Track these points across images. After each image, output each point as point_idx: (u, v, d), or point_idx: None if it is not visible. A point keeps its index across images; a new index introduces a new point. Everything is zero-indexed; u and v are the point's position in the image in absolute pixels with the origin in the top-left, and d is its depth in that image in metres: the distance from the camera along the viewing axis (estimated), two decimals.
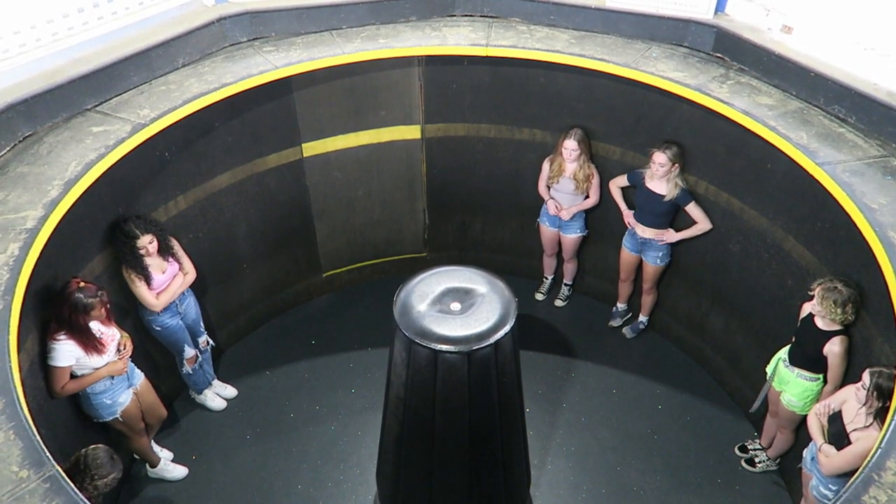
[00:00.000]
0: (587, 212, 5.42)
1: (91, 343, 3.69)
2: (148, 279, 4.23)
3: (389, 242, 6.08)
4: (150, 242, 4.16)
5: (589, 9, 4.93)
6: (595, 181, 5.22)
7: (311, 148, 5.24)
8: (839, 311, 3.70)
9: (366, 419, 5.02)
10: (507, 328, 3.36)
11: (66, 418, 3.81)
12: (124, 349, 4.01)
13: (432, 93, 5.25)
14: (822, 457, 3.58)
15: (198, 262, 4.59)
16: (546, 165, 5.29)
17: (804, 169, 3.86)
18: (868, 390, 3.34)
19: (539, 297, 6.08)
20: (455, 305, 3.46)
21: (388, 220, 5.93)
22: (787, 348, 4.19)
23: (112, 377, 3.92)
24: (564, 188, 5.24)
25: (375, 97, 5.20)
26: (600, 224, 5.51)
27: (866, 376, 3.37)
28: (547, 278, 6.07)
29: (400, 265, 6.13)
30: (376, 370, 5.25)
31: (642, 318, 5.69)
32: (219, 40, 4.76)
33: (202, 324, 4.81)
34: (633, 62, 4.61)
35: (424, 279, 3.61)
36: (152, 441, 4.66)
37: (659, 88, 4.50)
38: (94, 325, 3.77)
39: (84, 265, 3.97)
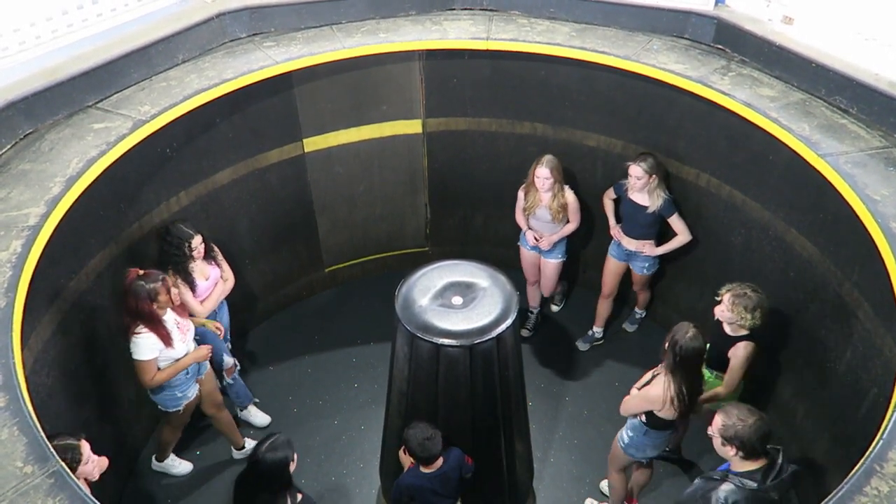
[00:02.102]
0: (569, 236, 5.15)
1: (164, 333, 3.75)
2: (192, 285, 4.23)
3: (391, 237, 6.08)
4: (201, 242, 4.20)
5: (589, 1, 4.92)
6: (573, 206, 4.96)
7: (313, 143, 5.24)
8: (749, 316, 3.78)
9: (369, 414, 5.03)
10: (508, 322, 3.36)
11: (70, 414, 3.83)
12: (219, 331, 4.18)
13: (433, 87, 5.24)
14: (626, 398, 3.84)
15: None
16: (521, 195, 5.06)
17: (806, 160, 3.85)
18: (666, 340, 3.54)
19: (525, 333, 5.64)
20: (457, 299, 3.46)
21: (390, 214, 5.93)
22: None
23: (187, 370, 3.98)
24: (542, 217, 5.00)
25: (376, 92, 5.19)
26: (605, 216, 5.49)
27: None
28: (532, 312, 5.71)
29: (402, 260, 6.13)
30: (379, 364, 5.25)
31: (638, 310, 5.68)
32: (219, 36, 4.75)
33: (229, 335, 4.78)
34: (634, 55, 4.59)
35: (426, 273, 3.61)
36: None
37: (660, 81, 4.49)
38: (171, 316, 3.83)
39: (87, 262, 3.98)
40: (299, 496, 3.23)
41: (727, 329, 3.95)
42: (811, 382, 4.31)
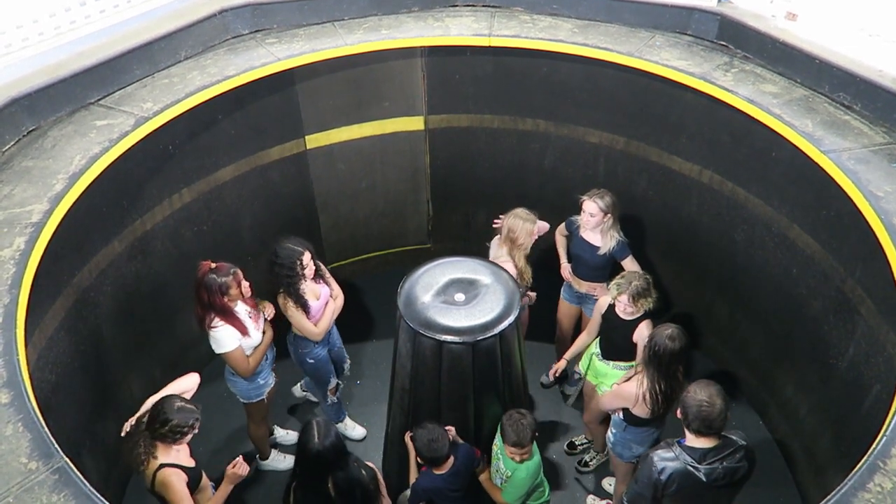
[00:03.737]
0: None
1: (238, 323, 3.74)
2: (306, 308, 4.04)
3: (393, 234, 6.08)
4: (311, 259, 4.00)
5: None
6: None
7: (315, 140, 5.24)
8: (650, 300, 3.83)
9: (372, 410, 5.04)
10: (511, 318, 3.37)
11: (74, 410, 3.84)
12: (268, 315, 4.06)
13: (435, 84, 5.24)
14: (605, 392, 3.92)
15: (203, 255, 4.58)
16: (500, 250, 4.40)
17: (809, 157, 3.84)
18: (644, 341, 3.56)
19: None
20: (459, 296, 3.47)
21: (392, 211, 5.93)
22: (596, 343, 4.24)
23: (266, 357, 4.01)
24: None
25: (378, 88, 5.19)
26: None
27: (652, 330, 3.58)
28: None
29: (404, 257, 6.13)
30: (381, 361, 5.25)
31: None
32: (221, 33, 4.75)
33: (345, 350, 4.69)
34: (637, 51, 4.59)
35: (428, 270, 3.62)
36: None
37: (663, 77, 4.48)
38: (241, 307, 3.82)
39: (90, 259, 3.99)
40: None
41: (625, 316, 3.90)
42: (813, 379, 4.31)
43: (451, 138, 5.55)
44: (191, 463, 3.21)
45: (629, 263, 4.47)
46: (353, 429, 4.93)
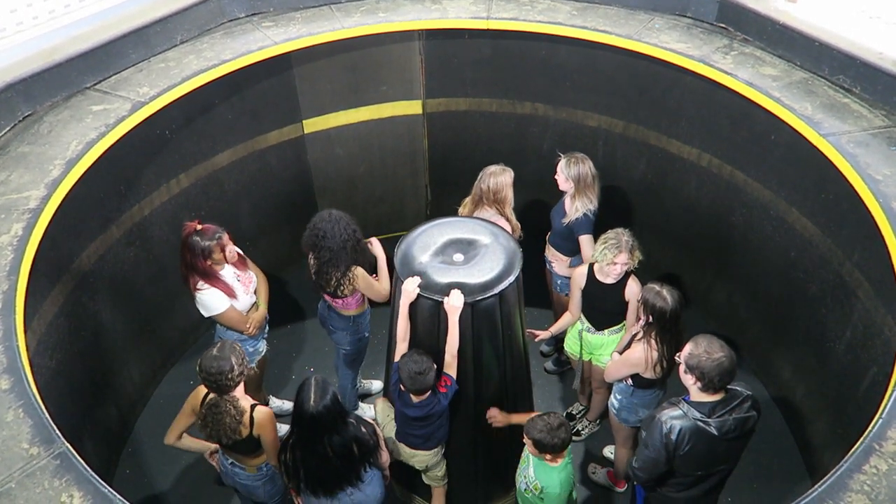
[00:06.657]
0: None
1: (224, 286, 3.71)
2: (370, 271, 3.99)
3: (392, 218, 6.07)
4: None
5: None
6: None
7: (312, 124, 5.21)
8: (639, 252, 3.78)
9: (372, 374, 5.06)
10: (511, 278, 3.26)
11: (74, 396, 3.85)
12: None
13: (433, 67, 5.21)
14: (609, 364, 3.83)
15: None
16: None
17: (808, 140, 3.84)
18: (639, 302, 3.51)
19: None
20: (458, 256, 3.36)
21: (390, 195, 5.92)
22: (578, 325, 4.18)
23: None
24: None
25: (376, 72, 5.16)
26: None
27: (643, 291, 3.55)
28: None
29: None
30: (379, 332, 5.20)
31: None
32: (217, 16, 4.72)
33: None
34: (636, 34, 4.56)
35: (426, 230, 3.54)
36: None
37: (662, 60, 4.46)
38: (229, 271, 3.79)
39: (88, 245, 3.98)
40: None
41: (610, 280, 3.84)
42: (811, 362, 4.33)
43: (450, 122, 5.53)
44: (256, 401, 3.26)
45: (584, 241, 4.21)
46: (370, 409, 4.84)
